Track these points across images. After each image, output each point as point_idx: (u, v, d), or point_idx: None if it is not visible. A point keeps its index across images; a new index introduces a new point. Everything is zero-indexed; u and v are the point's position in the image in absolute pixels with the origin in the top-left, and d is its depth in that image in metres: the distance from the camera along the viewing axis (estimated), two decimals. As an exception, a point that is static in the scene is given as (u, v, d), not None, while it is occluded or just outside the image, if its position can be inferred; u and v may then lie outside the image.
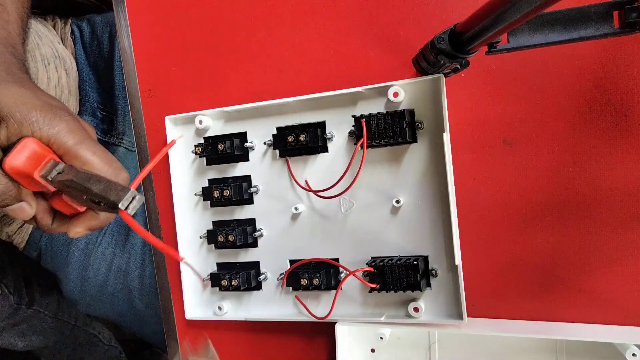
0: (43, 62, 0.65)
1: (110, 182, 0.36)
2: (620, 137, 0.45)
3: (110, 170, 0.41)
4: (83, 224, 0.44)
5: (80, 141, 0.40)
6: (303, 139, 0.50)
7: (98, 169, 0.40)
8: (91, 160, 0.40)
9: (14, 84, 0.41)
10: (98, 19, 0.76)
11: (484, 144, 0.48)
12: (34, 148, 0.39)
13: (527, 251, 0.48)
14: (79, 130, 0.41)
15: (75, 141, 0.40)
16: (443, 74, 0.45)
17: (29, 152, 0.38)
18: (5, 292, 0.83)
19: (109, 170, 0.41)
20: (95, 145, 0.41)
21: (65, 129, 0.40)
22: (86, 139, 0.41)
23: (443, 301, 0.47)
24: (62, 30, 0.75)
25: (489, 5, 0.31)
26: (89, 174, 0.37)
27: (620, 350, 0.43)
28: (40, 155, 0.39)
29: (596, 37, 0.37)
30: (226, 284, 0.54)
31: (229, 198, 0.53)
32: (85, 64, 0.75)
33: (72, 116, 0.41)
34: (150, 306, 0.74)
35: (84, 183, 0.37)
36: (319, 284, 0.50)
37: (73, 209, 0.44)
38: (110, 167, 0.41)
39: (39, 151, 0.39)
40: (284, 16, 0.54)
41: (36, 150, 0.39)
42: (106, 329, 1.04)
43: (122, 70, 0.68)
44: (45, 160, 0.39)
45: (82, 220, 0.44)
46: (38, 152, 0.39)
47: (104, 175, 0.40)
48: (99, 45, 0.75)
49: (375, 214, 0.50)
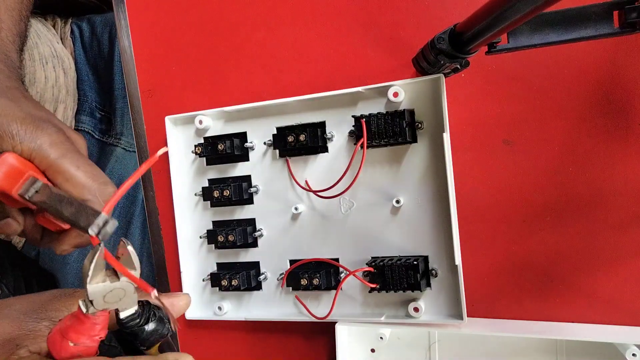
0: (41, 61, 0.65)
1: (82, 205, 0.34)
2: (620, 137, 0.45)
3: (95, 185, 0.39)
4: (68, 242, 0.43)
5: (62, 154, 0.38)
6: (303, 139, 0.50)
7: (82, 184, 0.38)
8: (75, 175, 0.38)
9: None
10: (98, 19, 0.76)
11: (484, 144, 0.48)
12: (12, 164, 0.36)
13: (527, 251, 0.48)
14: (62, 142, 0.39)
15: (57, 155, 0.38)
16: (443, 74, 0.45)
17: (7, 169, 0.36)
18: (5, 292, 0.83)
19: (93, 185, 0.39)
20: (79, 159, 0.39)
21: (48, 142, 0.38)
22: (69, 152, 0.39)
23: (443, 301, 0.47)
24: (62, 30, 0.75)
25: (489, 5, 0.31)
26: (61, 196, 0.35)
27: (620, 350, 0.43)
28: (19, 172, 0.37)
29: (596, 37, 0.37)
30: (226, 284, 0.54)
31: (229, 198, 0.53)
32: (85, 63, 0.75)
33: (57, 128, 0.40)
34: None
35: (56, 205, 0.34)
36: (319, 284, 0.50)
37: (57, 226, 0.42)
38: (95, 182, 0.39)
39: (18, 167, 0.37)
40: (284, 16, 0.54)
41: (15, 166, 0.36)
42: (106, 328, 1.03)
43: (121, 70, 0.68)
44: (24, 177, 0.37)
45: (67, 238, 0.42)
46: (17, 169, 0.37)
47: (89, 190, 0.38)
48: (98, 45, 0.75)
49: (375, 214, 0.50)
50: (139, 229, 0.73)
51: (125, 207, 0.74)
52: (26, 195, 0.36)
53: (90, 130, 0.74)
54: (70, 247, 0.43)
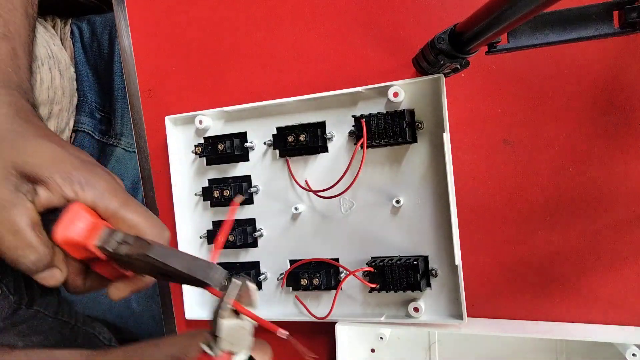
0: (36, 63, 0.65)
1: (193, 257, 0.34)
2: (620, 136, 0.45)
3: (155, 231, 0.39)
4: (129, 287, 0.41)
5: (124, 203, 0.38)
6: (303, 139, 0.50)
7: (144, 231, 0.38)
8: (138, 223, 0.38)
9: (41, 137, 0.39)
10: (98, 19, 0.76)
11: (484, 144, 0.48)
12: (84, 215, 0.36)
13: (527, 251, 0.48)
14: (119, 189, 0.39)
15: (119, 203, 0.38)
16: (443, 74, 0.45)
17: (85, 221, 0.36)
18: (5, 292, 0.83)
19: (153, 231, 0.39)
20: (138, 206, 0.39)
21: (107, 189, 0.38)
22: (129, 199, 0.39)
23: (443, 301, 0.47)
24: (61, 30, 0.75)
25: (489, 5, 0.31)
26: (166, 250, 0.34)
27: (620, 350, 0.43)
28: (94, 224, 0.36)
29: (596, 37, 0.37)
30: (226, 283, 0.54)
31: (229, 198, 0.53)
32: (85, 64, 0.75)
33: (108, 173, 0.39)
34: (147, 308, 0.74)
35: (163, 260, 0.34)
36: (319, 284, 0.50)
37: (119, 273, 0.41)
38: (154, 228, 0.39)
39: (92, 219, 0.36)
40: (284, 16, 0.54)
41: (87, 217, 0.36)
42: (106, 328, 1.04)
43: (121, 71, 0.68)
44: (101, 229, 0.36)
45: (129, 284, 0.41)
46: (92, 221, 0.36)
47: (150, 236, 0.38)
48: (98, 46, 0.75)
49: (375, 214, 0.50)
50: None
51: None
52: (108, 247, 0.35)
53: (90, 131, 0.74)
54: (129, 293, 0.41)
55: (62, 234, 0.35)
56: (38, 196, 0.36)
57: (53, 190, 0.36)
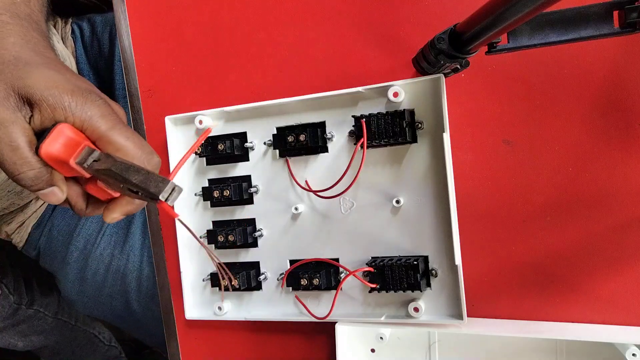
0: None
1: (149, 172, 0.36)
2: (620, 137, 0.45)
3: (143, 155, 0.41)
4: (119, 209, 0.43)
5: (113, 126, 0.40)
6: (303, 139, 0.50)
7: (132, 154, 0.40)
8: (125, 145, 0.40)
9: (43, 66, 0.41)
10: (98, 18, 0.76)
11: (484, 144, 0.48)
12: (69, 134, 0.38)
13: (527, 251, 0.48)
14: (111, 114, 0.41)
15: (108, 126, 0.40)
16: (443, 74, 0.45)
17: (65, 139, 0.38)
18: (5, 292, 0.83)
19: (142, 155, 0.41)
20: (127, 130, 0.41)
21: (98, 113, 0.40)
22: (118, 123, 0.40)
23: (443, 301, 0.47)
24: (62, 29, 0.75)
25: (489, 5, 0.31)
26: (126, 164, 0.37)
27: (620, 350, 0.43)
28: (76, 142, 0.39)
29: (596, 37, 0.37)
30: (226, 284, 0.54)
31: (229, 198, 0.53)
32: (86, 63, 0.75)
33: (103, 99, 0.41)
34: (147, 309, 0.74)
35: (122, 173, 0.37)
36: (319, 284, 0.50)
37: (108, 195, 0.43)
38: (142, 152, 0.41)
39: (74, 137, 0.39)
40: (284, 16, 0.54)
41: (71, 137, 0.38)
42: (106, 329, 1.04)
43: (122, 70, 0.68)
44: (81, 147, 0.39)
45: (118, 206, 0.43)
46: (73, 139, 0.39)
47: (137, 160, 0.40)
48: (99, 45, 0.75)
49: (375, 214, 0.50)
50: (139, 229, 0.73)
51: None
52: (85, 164, 0.38)
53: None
54: (120, 214, 0.43)
55: (44, 149, 0.38)
56: (33, 118, 0.38)
57: (45, 112, 0.38)
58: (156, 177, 0.36)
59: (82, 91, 0.40)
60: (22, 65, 0.40)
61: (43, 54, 0.43)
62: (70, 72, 0.43)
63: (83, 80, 0.43)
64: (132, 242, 0.73)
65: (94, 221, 0.74)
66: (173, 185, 0.36)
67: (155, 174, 0.36)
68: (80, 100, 0.39)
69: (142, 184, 0.36)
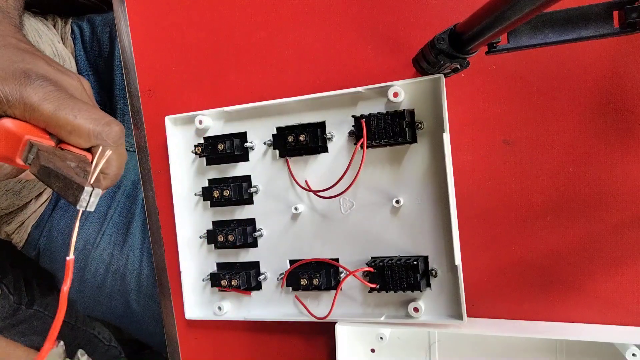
0: None
1: (66, 178, 0.33)
2: (620, 137, 0.45)
3: (99, 128, 0.36)
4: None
5: (57, 107, 0.35)
6: (303, 139, 0.50)
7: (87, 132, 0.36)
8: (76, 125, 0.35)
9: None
10: (98, 18, 0.76)
11: (484, 144, 0.48)
12: (9, 129, 0.35)
13: (527, 251, 0.48)
14: (53, 93, 0.36)
15: (52, 109, 0.35)
16: (443, 74, 0.45)
17: (6, 135, 0.35)
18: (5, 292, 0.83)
19: (97, 129, 0.36)
20: (74, 106, 0.36)
21: (36, 97, 0.35)
22: (63, 101, 0.36)
23: (443, 301, 0.47)
24: (62, 29, 0.75)
25: (489, 5, 0.31)
26: (47, 169, 0.34)
27: (620, 350, 0.43)
28: (17, 137, 0.35)
29: (596, 37, 0.37)
30: (226, 284, 0.54)
31: (229, 198, 0.53)
32: (85, 63, 0.75)
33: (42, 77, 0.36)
34: (147, 309, 0.74)
35: (45, 180, 0.34)
36: (319, 284, 0.50)
37: None
38: (98, 125, 0.36)
39: (15, 132, 0.35)
40: (284, 16, 0.54)
41: (12, 131, 0.35)
42: (106, 329, 1.04)
43: (122, 70, 0.68)
44: (23, 142, 0.35)
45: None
46: (14, 134, 0.35)
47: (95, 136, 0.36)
48: (99, 45, 0.75)
49: (375, 214, 0.50)
50: (139, 229, 0.73)
51: (126, 207, 0.74)
52: (27, 162, 0.35)
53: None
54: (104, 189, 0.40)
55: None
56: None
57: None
58: (73, 184, 0.33)
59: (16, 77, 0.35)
60: None
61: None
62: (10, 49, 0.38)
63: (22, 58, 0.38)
64: (132, 242, 0.73)
65: (93, 221, 0.74)
66: (90, 190, 0.33)
67: (73, 180, 0.33)
68: (13, 87, 0.35)
69: (61, 192, 0.33)
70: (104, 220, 0.74)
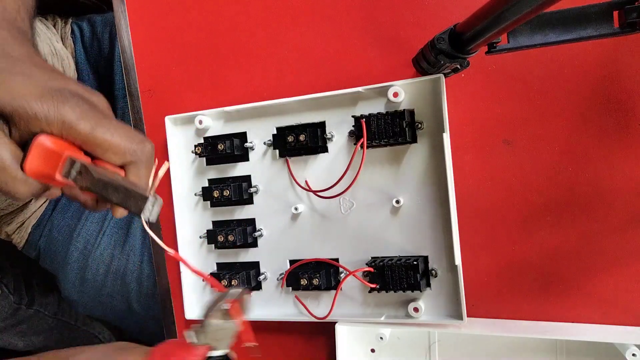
0: None
1: (127, 190, 0.35)
2: (620, 137, 0.45)
3: (135, 147, 0.38)
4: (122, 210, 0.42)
5: (93, 126, 0.36)
6: (303, 139, 0.50)
7: (123, 150, 0.37)
8: (113, 143, 0.37)
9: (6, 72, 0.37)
10: (98, 19, 0.76)
11: (484, 144, 0.48)
12: (48, 146, 0.35)
13: (527, 251, 0.48)
14: (89, 112, 0.37)
15: (89, 127, 0.36)
16: (443, 74, 0.45)
17: (45, 153, 0.35)
18: (5, 292, 0.83)
19: (134, 147, 0.38)
20: (110, 124, 0.38)
21: (75, 115, 0.36)
22: (99, 120, 0.37)
23: (443, 301, 0.47)
24: (62, 29, 0.75)
25: (489, 5, 0.31)
26: (104, 181, 0.35)
27: (620, 350, 0.43)
28: (57, 154, 0.36)
29: (596, 37, 0.37)
30: (226, 284, 0.54)
31: (228, 198, 0.53)
32: (85, 63, 0.75)
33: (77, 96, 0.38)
34: (148, 309, 0.74)
35: (102, 192, 0.35)
36: (319, 284, 0.50)
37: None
38: (133, 143, 0.38)
39: (54, 149, 0.36)
40: (284, 16, 0.54)
41: (51, 149, 0.36)
42: (106, 329, 1.04)
43: (122, 70, 0.68)
44: (63, 158, 0.36)
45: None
46: (54, 150, 0.36)
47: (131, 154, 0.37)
48: (99, 45, 0.75)
49: (375, 214, 0.50)
50: (139, 229, 0.73)
51: (126, 207, 0.74)
52: (70, 178, 0.36)
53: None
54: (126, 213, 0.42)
55: (28, 167, 0.35)
56: (11, 132, 0.36)
57: (20, 125, 0.35)
58: (135, 194, 0.34)
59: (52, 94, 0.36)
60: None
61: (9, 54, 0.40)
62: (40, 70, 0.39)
63: (54, 77, 0.39)
64: (132, 242, 0.73)
65: (94, 221, 0.74)
66: (153, 201, 0.35)
67: (134, 191, 0.35)
68: (51, 105, 0.36)
69: (122, 203, 0.35)
70: (105, 220, 0.74)
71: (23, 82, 0.36)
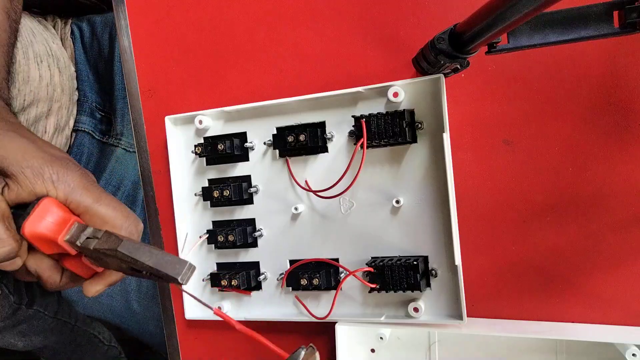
0: (35, 60, 0.65)
1: (160, 253, 0.34)
2: (620, 137, 0.45)
3: (129, 224, 0.40)
4: (103, 282, 0.42)
5: (97, 198, 0.38)
6: (303, 139, 0.50)
7: (119, 225, 0.39)
8: (113, 217, 0.38)
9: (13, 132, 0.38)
10: (98, 19, 0.76)
11: (484, 144, 0.48)
12: (55, 210, 0.36)
13: (527, 251, 0.48)
14: (91, 185, 0.39)
15: (93, 199, 0.38)
16: (443, 74, 0.45)
17: (51, 215, 0.36)
18: (5, 292, 0.83)
19: (129, 225, 0.40)
20: (110, 199, 0.39)
21: (80, 185, 0.38)
22: (101, 193, 0.39)
23: (443, 301, 0.47)
24: (62, 30, 0.75)
25: (489, 5, 0.31)
26: (135, 245, 0.35)
27: (620, 350, 0.43)
28: (64, 219, 0.36)
29: (596, 37, 0.37)
30: (226, 284, 0.54)
31: (228, 198, 0.53)
32: (85, 64, 0.75)
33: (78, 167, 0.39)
34: (148, 308, 0.74)
35: (132, 254, 0.34)
36: (319, 284, 0.50)
37: (90, 271, 0.41)
38: (129, 221, 0.40)
39: (61, 213, 0.36)
40: (284, 16, 0.54)
41: (58, 213, 0.36)
42: (106, 329, 1.04)
43: (122, 71, 0.68)
44: (70, 223, 0.36)
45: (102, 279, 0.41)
46: (60, 215, 0.36)
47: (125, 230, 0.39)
48: (99, 46, 0.75)
49: (375, 214, 0.50)
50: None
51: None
52: (78, 242, 0.36)
53: (90, 131, 0.74)
54: (104, 287, 0.42)
55: (30, 228, 0.35)
56: (8, 190, 0.36)
57: (23, 185, 0.36)
58: (170, 258, 0.34)
59: (60, 161, 0.37)
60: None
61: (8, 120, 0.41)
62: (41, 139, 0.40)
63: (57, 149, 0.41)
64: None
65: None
66: (191, 266, 0.34)
67: (167, 255, 0.34)
68: (61, 171, 0.37)
69: (156, 266, 0.34)
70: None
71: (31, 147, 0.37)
